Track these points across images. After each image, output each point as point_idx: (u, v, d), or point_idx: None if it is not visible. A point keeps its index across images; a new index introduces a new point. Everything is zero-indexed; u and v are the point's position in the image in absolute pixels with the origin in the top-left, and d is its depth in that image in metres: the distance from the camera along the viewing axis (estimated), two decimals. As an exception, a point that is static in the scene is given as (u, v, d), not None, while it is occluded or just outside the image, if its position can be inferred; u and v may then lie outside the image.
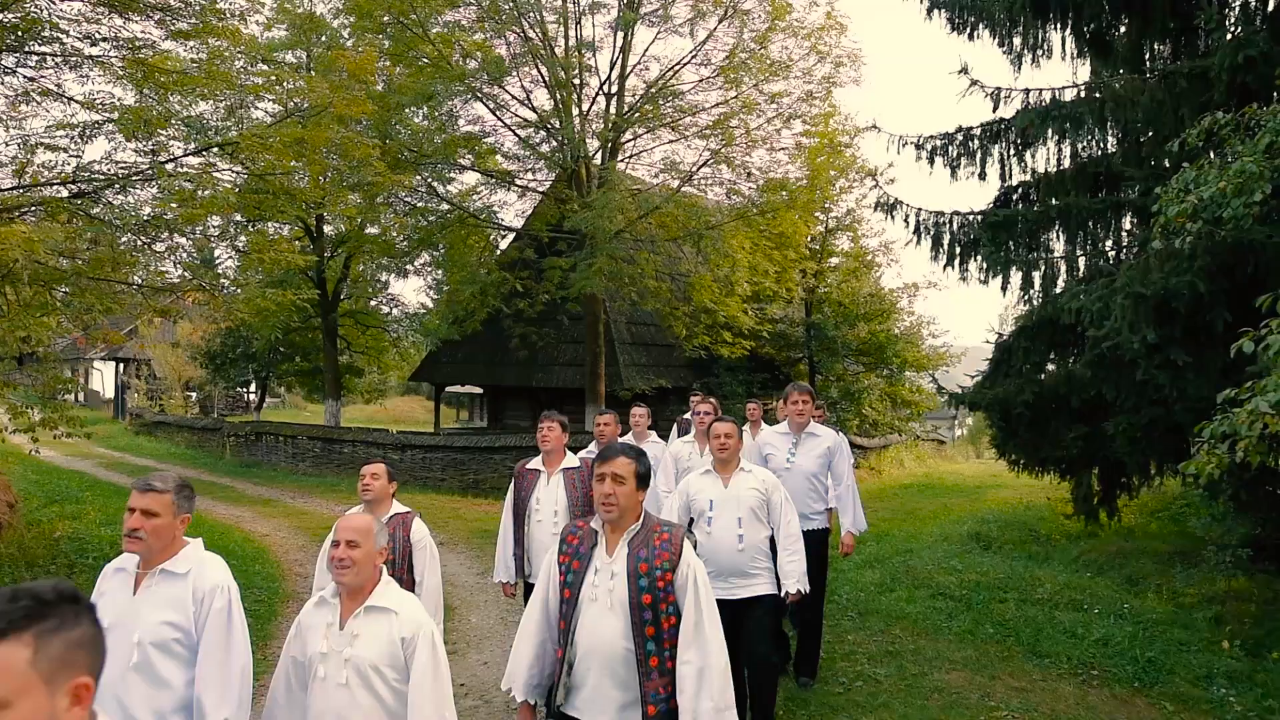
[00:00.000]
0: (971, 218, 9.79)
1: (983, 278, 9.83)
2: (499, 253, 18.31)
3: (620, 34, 14.99)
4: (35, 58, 7.87)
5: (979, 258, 9.72)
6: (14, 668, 1.30)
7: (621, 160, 15.87)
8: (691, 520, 4.76)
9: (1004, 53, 9.77)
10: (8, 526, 6.61)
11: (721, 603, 3.35)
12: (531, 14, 14.31)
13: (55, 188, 8.03)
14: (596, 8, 14.92)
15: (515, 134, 15.95)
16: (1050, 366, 9.73)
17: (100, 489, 14.93)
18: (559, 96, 14.68)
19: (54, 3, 7.27)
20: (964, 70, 9.30)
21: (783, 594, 4.71)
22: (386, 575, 2.99)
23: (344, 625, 2.90)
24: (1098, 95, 8.67)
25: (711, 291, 15.76)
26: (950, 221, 9.98)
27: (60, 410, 8.80)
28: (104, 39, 7.85)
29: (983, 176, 9.88)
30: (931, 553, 9.79)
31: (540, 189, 17.29)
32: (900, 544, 10.55)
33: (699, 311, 16.25)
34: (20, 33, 7.23)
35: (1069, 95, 9.17)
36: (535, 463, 5.32)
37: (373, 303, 23.13)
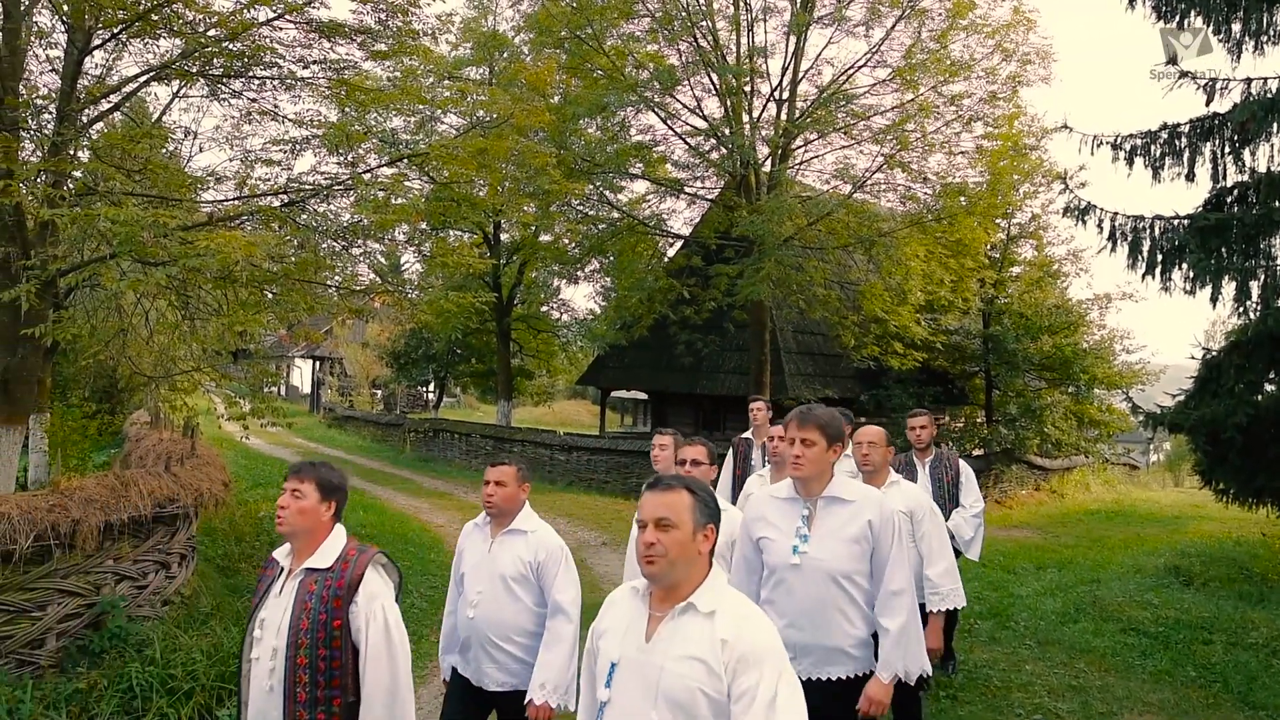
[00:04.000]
0: (1176, 222, 9.00)
1: (1188, 288, 9.01)
2: (667, 260, 18.54)
3: (793, 38, 14.83)
4: (256, 81, 8.68)
5: (1185, 266, 8.91)
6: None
7: (791, 167, 15.68)
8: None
9: (1220, 40, 8.91)
10: (223, 504, 7.32)
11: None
12: (704, 22, 14.41)
13: (269, 198, 8.81)
14: (769, 12, 14.84)
15: (685, 142, 16.09)
16: (1269, 386, 8.78)
17: (298, 475, 16.24)
18: (729, 104, 14.70)
19: (274, 30, 7.98)
20: (1172, 61, 8.57)
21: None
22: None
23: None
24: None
25: (883, 300, 15.27)
26: (1151, 227, 9.22)
27: (267, 402, 9.62)
28: (314, 61, 8.55)
29: (1191, 177, 9.07)
30: (1122, 584, 9.05)
31: (709, 197, 17.37)
32: (1085, 572, 9.83)
33: (868, 321, 15.78)
34: (246, 59, 7.98)
35: (1298, 85, 8.26)
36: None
37: (544, 308, 24.00)
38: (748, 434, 6.50)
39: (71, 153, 7.49)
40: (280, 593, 2.87)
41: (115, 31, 7.38)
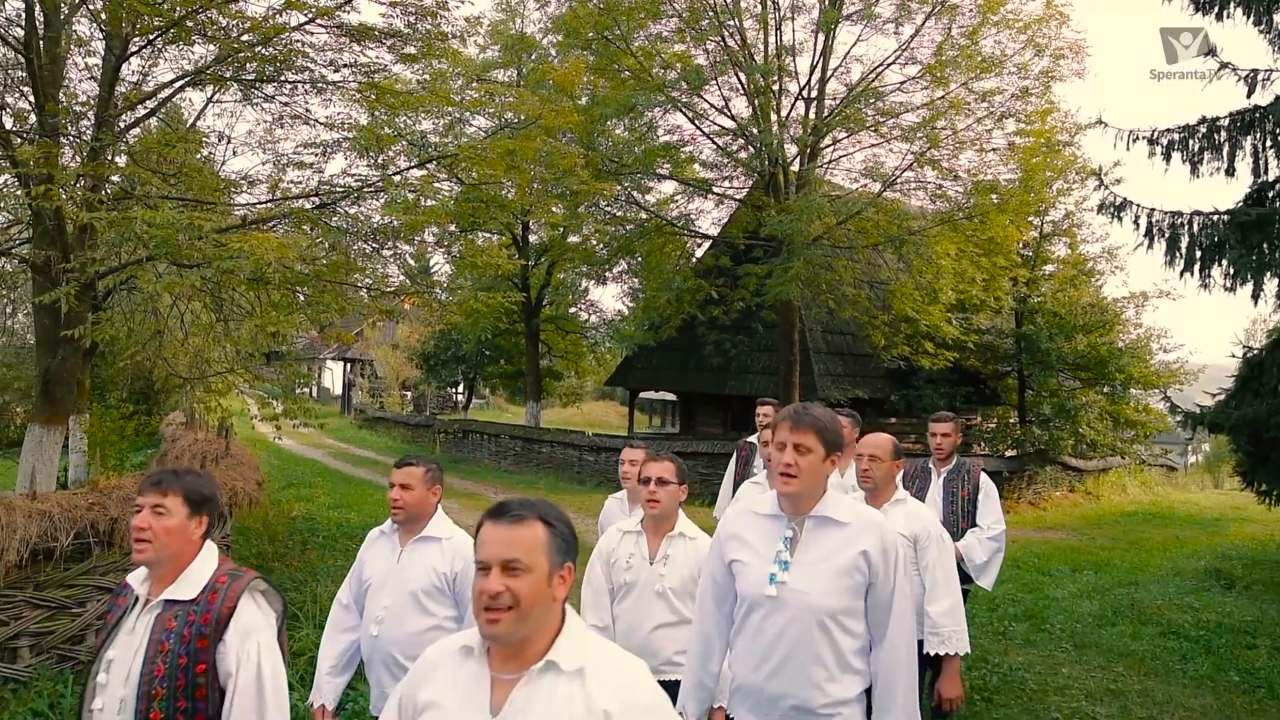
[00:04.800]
0: (1216, 218, 8.82)
1: (1228, 284, 8.83)
2: (695, 260, 18.49)
3: (821, 36, 14.74)
4: (288, 85, 8.78)
5: (1224, 262, 8.73)
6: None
7: (820, 165, 15.58)
8: None
9: (1260, 31, 8.73)
10: (256, 503, 7.41)
11: None
12: (732, 21, 14.36)
13: (301, 201, 8.91)
14: (797, 10, 14.77)
15: (713, 142, 16.05)
16: (1314, 385, 8.58)
17: (329, 476, 16.46)
18: (757, 103, 14.64)
19: (305, 34, 8.07)
20: (1211, 53, 8.40)
21: None
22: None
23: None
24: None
25: (913, 299, 15.12)
26: (1190, 223, 9.04)
27: (299, 402, 9.74)
28: (345, 65, 8.64)
29: (1230, 172, 8.88)
30: (1161, 587, 8.88)
31: (737, 197, 17.31)
32: (1123, 575, 9.66)
33: (899, 320, 15.63)
34: (278, 63, 8.08)
35: (1342, 76, 8.07)
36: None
37: (572, 309, 24.07)
38: (753, 437, 6.11)
39: (109, 158, 7.63)
40: (133, 629, 2.31)
41: (151, 38, 7.50)
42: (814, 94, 15.09)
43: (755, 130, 14.71)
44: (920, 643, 3.49)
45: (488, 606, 1.75)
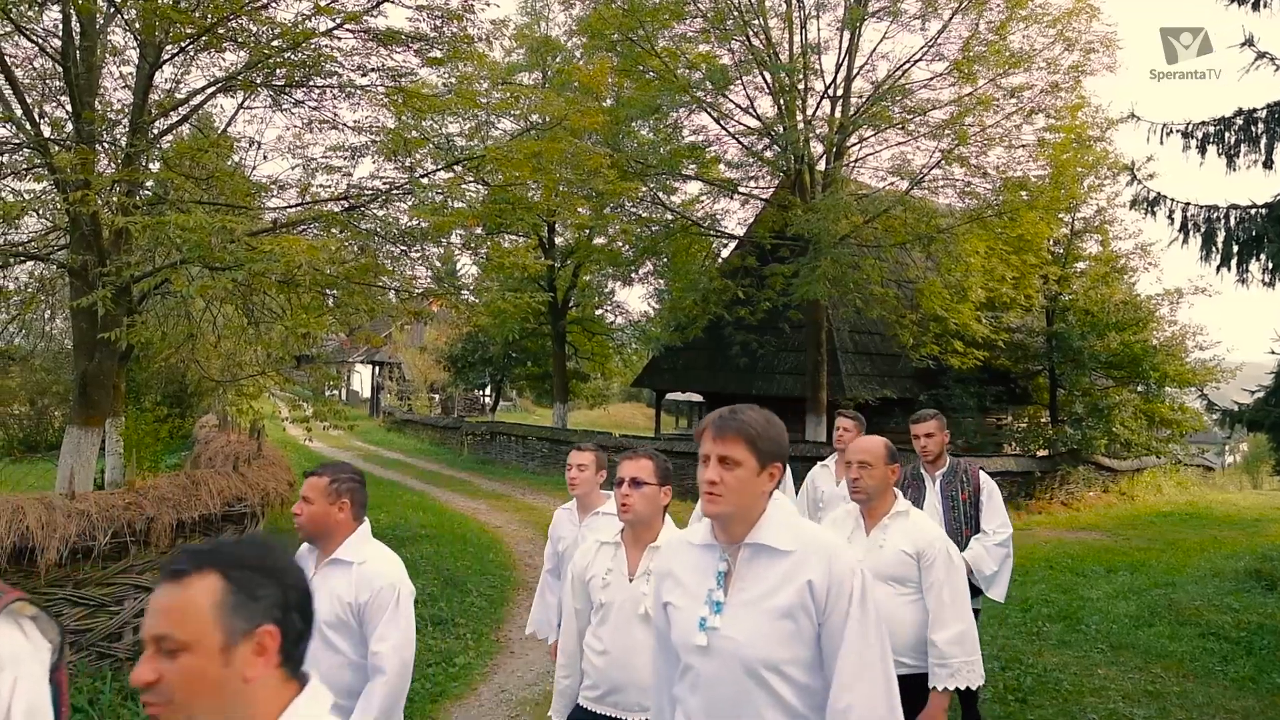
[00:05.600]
0: (1254, 211, 8.65)
1: (1267, 279, 8.67)
2: (721, 260, 18.45)
3: (846, 33, 14.66)
4: (317, 91, 8.89)
5: (1263, 256, 8.57)
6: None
7: (847, 164, 15.49)
8: None
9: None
10: (287, 503, 7.51)
11: None
12: (756, 21, 14.32)
13: (330, 204, 9.01)
14: (822, 8, 14.70)
15: (739, 142, 16.01)
16: (1356, 381, 8.40)
17: (359, 477, 16.57)
18: (783, 102, 14.58)
19: (334, 40, 8.16)
20: (1248, 43, 8.24)
21: None
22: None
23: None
24: None
25: (942, 298, 14.97)
26: (1226, 216, 8.88)
27: (329, 405, 9.84)
28: (372, 69, 8.73)
29: (1269, 165, 8.70)
30: (1199, 588, 8.73)
31: (763, 196, 17.24)
32: (1160, 576, 9.51)
33: (927, 319, 15.49)
34: (307, 68, 8.18)
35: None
36: None
37: (599, 311, 24.11)
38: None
39: (143, 163, 7.75)
40: None
41: (183, 46, 7.62)
42: (840, 92, 15.01)
43: (781, 129, 14.65)
44: (924, 676, 3.22)
45: (144, 699, 1.33)
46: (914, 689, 3.16)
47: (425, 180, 9.01)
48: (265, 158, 9.70)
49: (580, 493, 4.08)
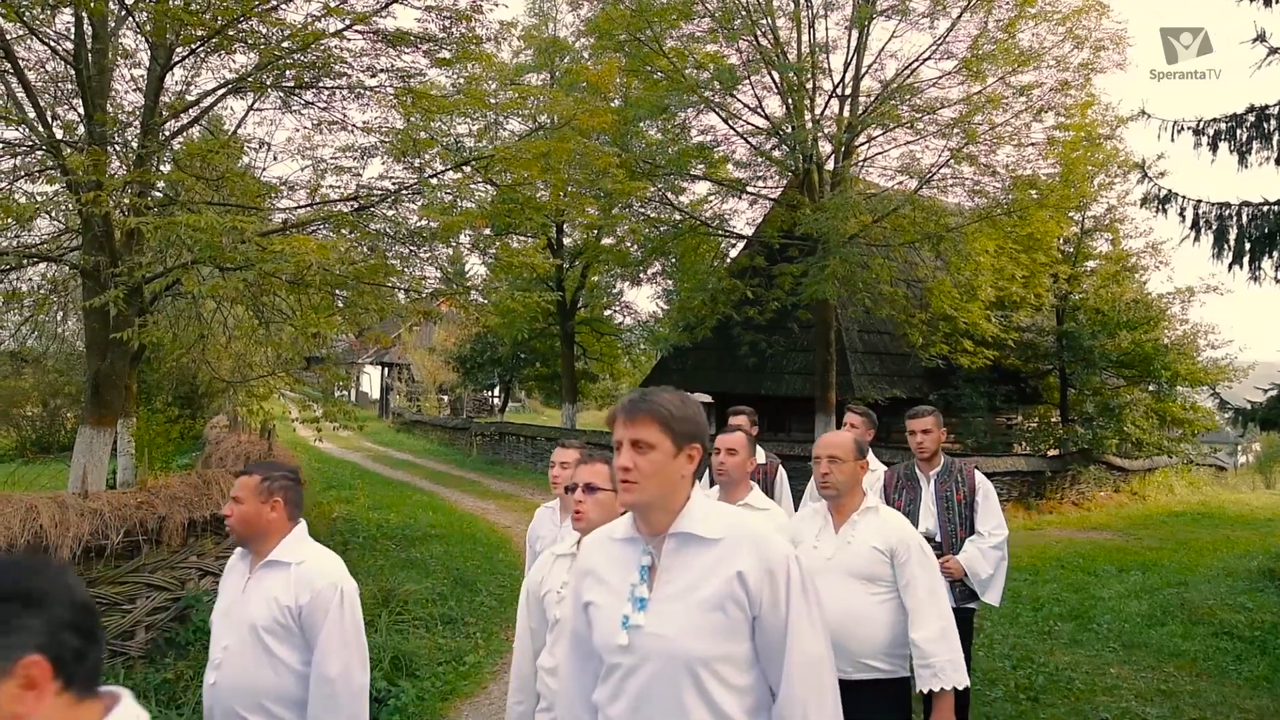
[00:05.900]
0: (1267, 208, 8.60)
1: (1280, 276, 8.62)
2: (729, 260, 18.44)
3: (855, 32, 14.63)
4: (326, 92, 8.92)
5: (1276, 254, 8.52)
6: None
7: (855, 163, 15.45)
8: None
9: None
10: (298, 504, 7.55)
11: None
12: (764, 20, 14.31)
13: (340, 205, 9.05)
14: (830, 7, 14.67)
15: (747, 141, 16.00)
16: (1370, 379, 8.33)
17: (368, 478, 16.68)
18: (791, 101, 14.56)
19: (343, 41, 8.19)
20: (1260, 38, 8.20)
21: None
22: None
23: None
24: None
25: (951, 297, 14.93)
26: (1238, 214, 8.83)
27: (339, 405, 9.88)
28: (381, 70, 8.75)
29: (1281, 161, 8.66)
30: (1212, 587, 8.68)
31: (771, 196, 17.23)
32: (1172, 575, 9.45)
33: (937, 319, 15.44)
34: (316, 69, 8.22)
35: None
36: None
37: (607, 311, 24.14)
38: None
39: (155, 165, 7.80)
40: None
41: (194, 48, 7.66)
42: (848, 91, 14.98)
43: (789, 129, 14.64)
44: (901, 680, 3.14)
45: None
46: (890, 694, 3.12)
47: (434, 181, 9.03)
48: (275, 159, 9.74)
49: (559, 492, 3.87)
